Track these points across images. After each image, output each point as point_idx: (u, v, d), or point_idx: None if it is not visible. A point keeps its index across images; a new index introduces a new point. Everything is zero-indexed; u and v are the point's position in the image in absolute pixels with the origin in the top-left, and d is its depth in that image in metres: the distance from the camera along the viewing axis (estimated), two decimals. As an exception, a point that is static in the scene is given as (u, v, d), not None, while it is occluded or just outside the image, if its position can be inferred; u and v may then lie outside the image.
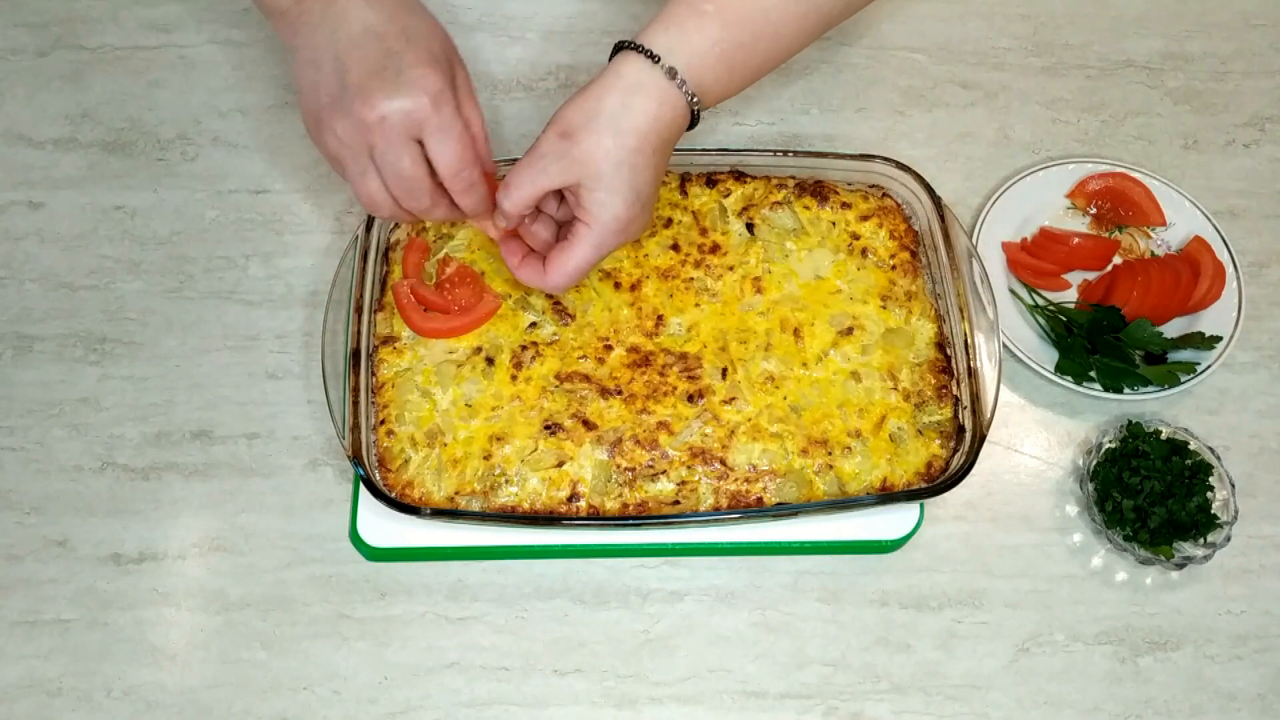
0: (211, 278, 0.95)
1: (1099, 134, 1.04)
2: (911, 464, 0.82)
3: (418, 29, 0.74)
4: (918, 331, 0.87)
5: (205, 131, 1.02)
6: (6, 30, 1.06)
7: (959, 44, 1.08)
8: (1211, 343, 0.89)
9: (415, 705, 0.81)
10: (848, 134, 1.03)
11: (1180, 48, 1.09)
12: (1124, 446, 0.86)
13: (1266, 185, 1.02)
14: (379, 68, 0.72)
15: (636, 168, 0.74)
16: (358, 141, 0.72)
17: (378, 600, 0.84)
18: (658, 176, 0.77)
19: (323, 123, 0.73)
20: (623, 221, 0.75)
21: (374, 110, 0.71)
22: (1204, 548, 0.84)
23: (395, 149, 0.72)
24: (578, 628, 0.83)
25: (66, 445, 0.88)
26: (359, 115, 0.71)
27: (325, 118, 0.73)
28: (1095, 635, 0.84)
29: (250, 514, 0.86)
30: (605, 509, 0.81)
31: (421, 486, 0.81)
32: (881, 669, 0.82)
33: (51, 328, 0.93)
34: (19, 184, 0.99)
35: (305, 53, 0.74)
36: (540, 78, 1.05)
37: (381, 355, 0.85)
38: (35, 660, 0.81)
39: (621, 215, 0.75)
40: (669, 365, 0.85)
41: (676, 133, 0.77)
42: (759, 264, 0.89)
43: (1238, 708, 0.82)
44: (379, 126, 0.71)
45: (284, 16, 0.76)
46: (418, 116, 0.72)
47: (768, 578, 0.85)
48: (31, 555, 0.85)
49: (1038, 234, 0.96)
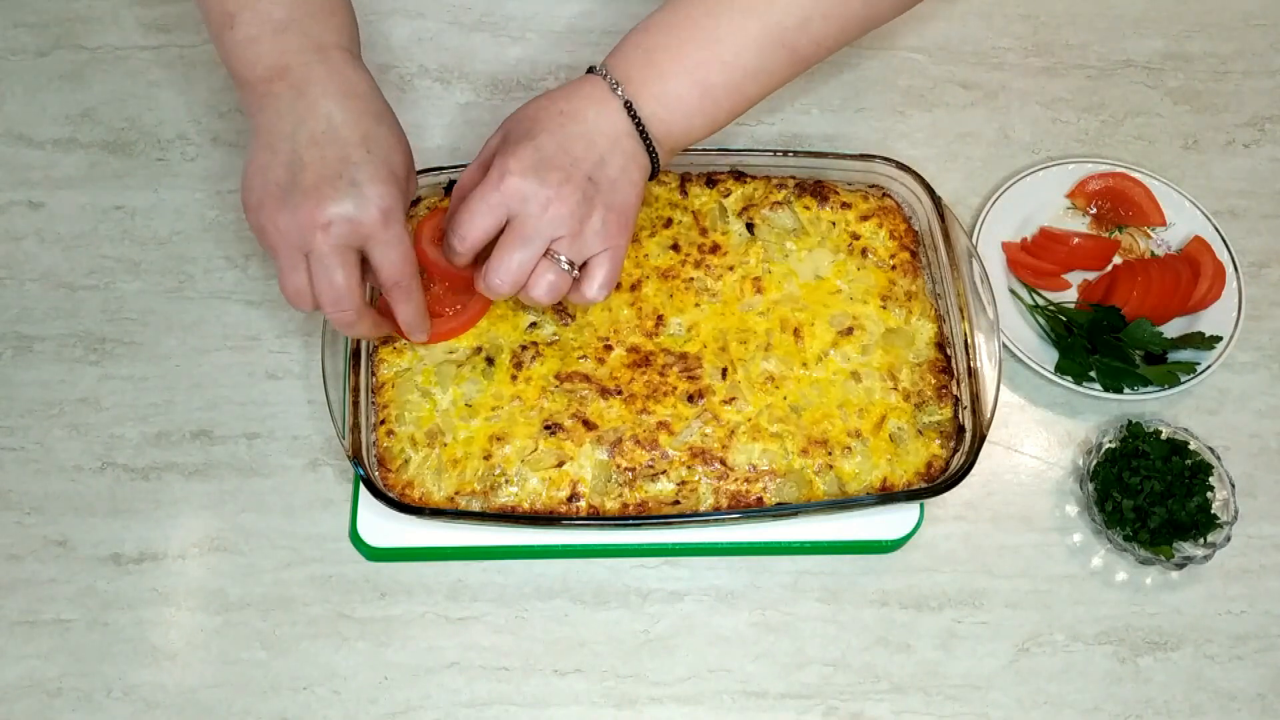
0: (211, 278, 0.95)
1: (1099, 134, 1.04)
2: (911, 464, 0.82)
3: (381, 141, 0.74)
4: (918, 331, 0.87)
5: (205, 131, 1.02)
6: (6, 30, 1.06)
7: (959, 44, 1.08)
8: (1211, 343, 0.89)
9: (415, 705, 0.81)
10: (848, 134, 1.03)
11: (1180, 48, 1.09)
12: (1124, 446, 0.86)
13: (1266, 185, 1.02)
14: (334, 174, 0.71)
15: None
16: (296, 238, 0.71)
17: (378, 600, 0.84)
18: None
19: (264, 209, 0.72)
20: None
21: (322, 214, 0.70)
22: (1204, 548, 0.84)
23: (333, 257, 0.72)
24: (578, 628, 0.83)
25: (66, 445, 0.88)
26: (305, 214, 0.70)
27: (269, 206, 0.72)
28: (1095, 635, 0.84)
29: (250, 514, 0.86)
30: (605, 509, 0.81)
31: (421, 486, 0.81)
32: (881, 669, 0.82)
33: (51, 328, 0.93)
34: (19, 184, 0.99)
35: (264, 137, 0.73)
36: (540, 78, 1.05)
37: (381, 355, 0.85)
38: (35, 660, 0.81)
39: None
40: (669, 365, 0.85)
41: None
42: (759, 264, 0.89)
43: (1238, 708, 0.82)
44: (323, 230, 0.71)
45: (251, 89, 0.75)
46: (364, 230, 0.72)
47: (768, 578, 0.85)
48: (31, 555, 0.85)
49: (1038, 234, 0.96)
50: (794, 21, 0.77)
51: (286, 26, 0.75)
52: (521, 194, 0.74)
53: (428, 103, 1.03)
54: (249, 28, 0.74)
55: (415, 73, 1.05)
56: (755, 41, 0.77)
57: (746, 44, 0.77)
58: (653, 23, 0.79)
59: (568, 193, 0.74)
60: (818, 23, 0.78)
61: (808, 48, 0.79)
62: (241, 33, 0.75)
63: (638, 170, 0.78)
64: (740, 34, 0.77)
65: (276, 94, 0.73)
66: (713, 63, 0.77)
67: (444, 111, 1.02)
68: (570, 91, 0.77)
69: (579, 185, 0.74)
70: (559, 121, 0.75)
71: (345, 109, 0.73)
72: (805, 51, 0.79)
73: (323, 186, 0.71)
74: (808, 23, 0.78)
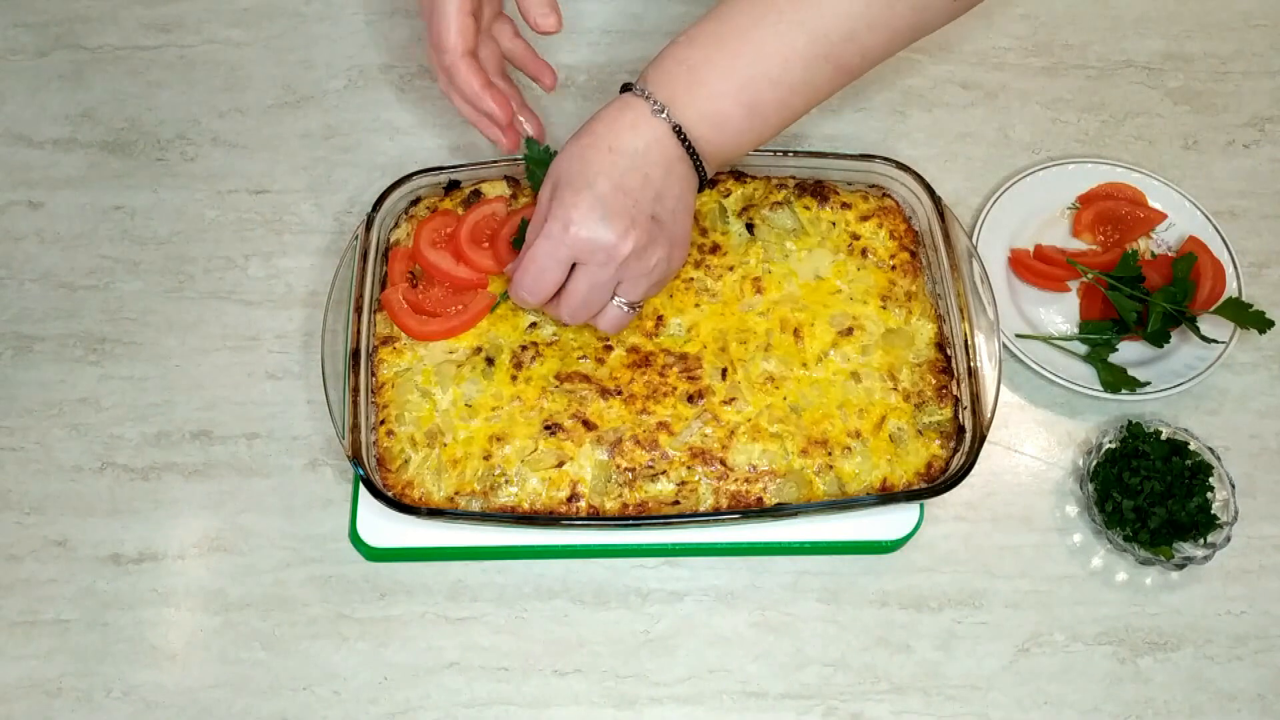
0: (211, 278, 0.95)
1: (1099, 134, 1.04)
2: (911, 464, 0.82)
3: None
4: (918, 332, 0.87)
5: (205, 131, 1.02)
6: (6, 30, 1.06)
7: (959, 44, 1.08)
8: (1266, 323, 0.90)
9: (415, 705, 0.81)
10: (848, 134, 1.03)
11: (1180, 48, 1.09)
12: (1124, 447, 0.86)
13: (1266, 185, 1.02)
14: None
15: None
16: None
17: (377, 600, 0.84)
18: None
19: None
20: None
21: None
22: (1204, 548, 0.84)
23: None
24: (578, 628, 0.83)
25: (66, 445, 0.88)
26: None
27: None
28: (1095, 636, 0.84)
29: (250, 514, 0.86)
30: (605, 509, 0.81)
31: (421, 486, 0.81)
32: (881, 669, 0.82)
33: (51, 328, 0.93)
34: (19, 184, 0.99)
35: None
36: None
37: (381, 355, 0.85)
38: (35, 660, 0.81)
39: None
40: (669, 365, 0.85)
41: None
42: (759, 264, 0.89)
43: (1238, 708, 0.82)
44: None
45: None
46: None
47: (768, 578, 0.85)
48: (31, 555, 0.85)
49: (1049, 248, 0.96)
50: (840, 35, 0.76)
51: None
52: (589, 245, 0.74)
53: (428, 103, 1.03)
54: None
55: (415, 73, 1.05)
56: (802, 56, 0.76)
57: (793, 59, 0.75)
58: (696, 35, 0.77)
59: (634, 237, 0.75)
60: (864, 35, 0.76)
61: (854, 59, 0.78)
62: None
63: (690, 194, 0.78)
64: (787, 48, 0.75)
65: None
66: (761, 80, 0.76)
67: (444, 111, 1.02)
68: (612, 122, 0.76)
69: (644, 227, 0.75)
70: (610, 160, 0.74)
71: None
72: (852, 64, 0.78)
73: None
74: (854, 35, 0.76)
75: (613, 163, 0.74)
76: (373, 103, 1.04)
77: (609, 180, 0.74)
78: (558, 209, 0.75)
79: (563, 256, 0.75)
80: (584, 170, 0.75)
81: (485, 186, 0.91)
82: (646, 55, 1.05)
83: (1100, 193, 0.98)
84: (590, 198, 0.74)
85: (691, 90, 0.75)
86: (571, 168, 0.75)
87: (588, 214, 0.74)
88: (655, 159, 0.75)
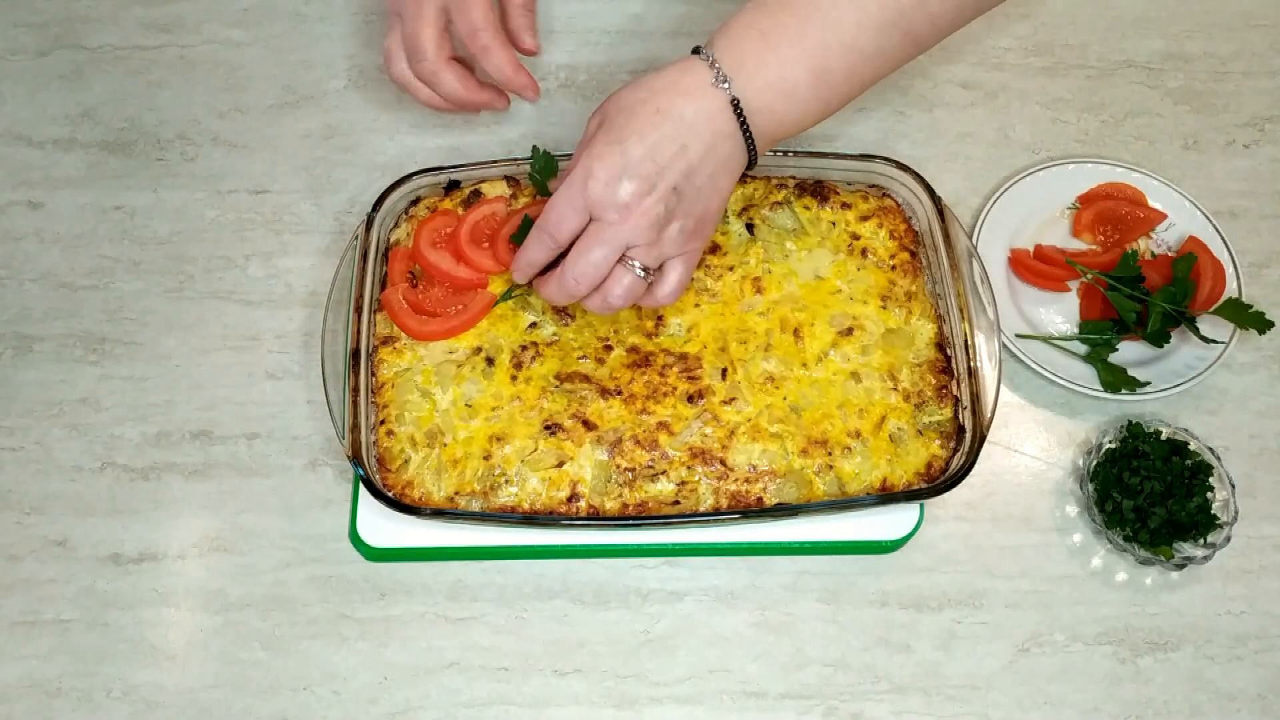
0: (211, 278, 0.95)
1: (1099, 134, 1.04)
2: (911, 464, 0.82)
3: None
4: (918, 332, 0.87)
5: (205, 131, 1.02)
6: (6, 30, 1.06)
7: (959, 44, 1.08)
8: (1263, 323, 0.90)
9: (415, 705, 0.81)
10: (848, 134, 1.03)
11: (1180, 48, 1.09)
12: (1124, 447, 0.86)
13: (1266, 185, 1.02)
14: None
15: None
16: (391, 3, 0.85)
17: (377, 600, 0.84)
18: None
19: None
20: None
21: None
22: (1204, 548, 0.84)
23: (419, 6, 0.83)
24: (578, 628, 0.83)
25: (66, 445, 0.88)
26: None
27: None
28: (1095, 636, 0.84)
29: (250, 514, 0.86)
30: (605, 509, 0.81)
31: (421, 486, 0.81)
32: (881, 669, 0.82)
33: (51, 328, 0.93)
34: (19, 184, 0.99)
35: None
36: (540, 77, 1.05)
37: (381, 355, 0.85)
38: (35, 660, 0.81)
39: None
40: (669, 365, 0.85)
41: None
42: (759, 264, 0.89)
43: (1238, 708, 0.82)
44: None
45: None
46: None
47: (768, 578, 0.85)
48: (31, 555, 0.85)
49: (1049, 248, 0.96)
50: (911, 1, 0.75)
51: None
52: (602, 202, 0.74)
53: (428, 103, 1.03)
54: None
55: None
56: (874, 20, 0.74)
57: (865, 23, 0.74)
58: (766, 1, 0.76)
59: (649, 205, 0.73)
60: (935, 2, 0.76)
61: (924, 27, 0.77)
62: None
63: (727, 176, 0.77)
64: (860, 12, 0.74)
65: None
66: (833, 45, 0.74)
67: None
68: (671, 82, 0.75)
69: (662, 197, 0.74)
70: (653, 122, 0.73)
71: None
72: (921, 32, 0.77)
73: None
74: (925, 2, 0.75)
75: (655, 125, 0.73)
76: (373, 103, 1.04)
77: (642, 144, 0.73)
78: (587, 158, 0.74)
79: (579, 205, 0.75)
80: (626, 124, 0.74)
81: (485, 186, 0.91)
82: (647, 55, 1.06)
83: (1100, 193, 0.98)
84: (618, 155, 0.73)
85: (761, 56, 0.74)
86: (618, 119, 0.75)
87: (609, 170, 0.73)
88: (700, 132, 0.74)
